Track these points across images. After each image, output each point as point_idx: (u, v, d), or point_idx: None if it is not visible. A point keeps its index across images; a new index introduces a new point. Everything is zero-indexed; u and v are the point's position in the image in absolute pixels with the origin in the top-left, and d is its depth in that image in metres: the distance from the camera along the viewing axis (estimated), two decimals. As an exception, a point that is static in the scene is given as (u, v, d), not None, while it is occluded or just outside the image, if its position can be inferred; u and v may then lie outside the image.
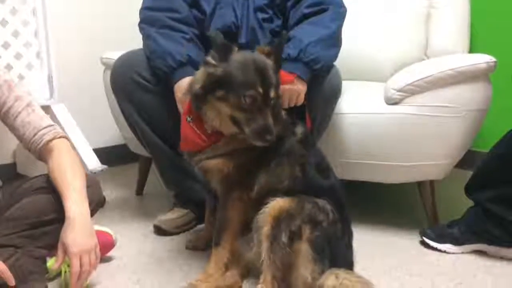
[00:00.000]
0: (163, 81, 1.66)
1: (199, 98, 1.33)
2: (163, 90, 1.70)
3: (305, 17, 1.65)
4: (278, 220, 1.32)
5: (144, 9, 1.75)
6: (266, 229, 1.33)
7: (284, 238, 1.31)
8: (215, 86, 1.29)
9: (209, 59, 1.32)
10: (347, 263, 1.42)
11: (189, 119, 1.40)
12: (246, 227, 1.41)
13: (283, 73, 1.44)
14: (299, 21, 1.65)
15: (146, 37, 1.71)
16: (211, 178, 1.45)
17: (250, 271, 1.45)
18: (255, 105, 1.28)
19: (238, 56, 1.32)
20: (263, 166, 1.39)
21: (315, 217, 1.36)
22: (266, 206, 1.36)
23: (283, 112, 1.45)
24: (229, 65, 1.29)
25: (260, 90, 1.27)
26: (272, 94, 1.30)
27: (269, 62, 1.34)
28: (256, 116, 1.27)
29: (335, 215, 1.40)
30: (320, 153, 1.51)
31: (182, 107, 1.56)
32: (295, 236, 1.32)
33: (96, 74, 2.23)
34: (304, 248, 1.32)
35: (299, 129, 1.45)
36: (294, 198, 1.36)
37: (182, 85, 1.57)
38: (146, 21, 1.72)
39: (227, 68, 1.29)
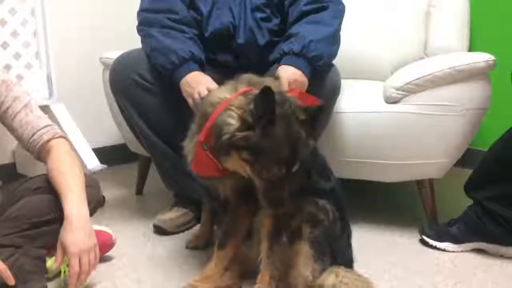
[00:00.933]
0: (165, 78, 1.65)
1: (223, 147, 1.25)
2: (162, 89, 1.70)
3: (304, 14, 1.65)
4: (278, 221, 1.32)
5: (142, 11, 1.74)
6: (266, 229, 1.33)
7: (284, 238, 1.31)
8: (244, 147, 1.22)
9: (247, 115, 1.21)
10: (347, 262, 1.42)
11: (205, 147, 1.30)
12: (251, 232, 1.41)
13: (305, 97, 1.40)
14: (298, 19, 1.65)
15: (146, 36, 1.70)
16: (221, 189, 1.41)
17: (249, 272, 1.45)
18: (275, 177, 1.23)
19: (277, 128, 1.21)
20: None
21: (315, 216, 1.36)
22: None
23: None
24: (266, 137, 1.20)
25: (284, 169, 1.23)
26: (294, 169, 1.24)
27: (303, 136, 1.25)
28: (273, 186, 1.24)
29: (335, 214, 1.40)
30: (321, 157, 1.51)
31: (191, 100, 1.55)
32: (295, 236, 1.32)
33: (95, 74, 2.23)
34: (304, 247, 1.32)
35: (311, 143, 1.39)
36: (294, 200, 1.36)
37: (189, 79, 1.57)
38: (145, 23, 1.72)
39: (262, 139, 1.20)
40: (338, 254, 1.39)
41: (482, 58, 1.74)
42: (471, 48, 2.31)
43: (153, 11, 1.71)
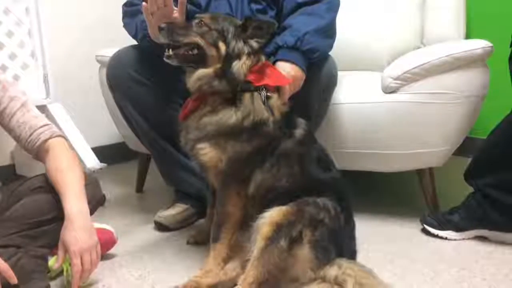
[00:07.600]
0: (162, 73, 1.64)
1: None
2: (159, 84, 1.70)
3: (299, 6, 1.64)
4: (279, 226, 1.31)
5: (123, 5, 1.74)
6: (265, 231, 1.31)
7: (283, 242, 1.29)
8: None
9: None
10: (350, 253, 1.42)
11: None
12: (246, 223, 1.40)
13: (280, 74, 1.44)
14: (293, 11, 1.64)
15: (129, 26, 1.70)
16: (208, 174, 1.45)
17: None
18: None
19: None
20: (257, 165, 1.39)
21: (316, 217, 1.34)
22: (267, 211, 1.35)
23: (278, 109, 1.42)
24: None
25: None
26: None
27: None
28: None
29: (336, 210, 1.39)
30: (320, 148, 1.51)
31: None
32: (295, 242, 1.31)
33: (91, 72, 2.22)
34: (304, 252, 1.31)
35: (299, 131, 1.44)
36: (293, 206, 1.35)
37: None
38: (127, 16, 1.71)
39: None
40: (342, 246, 1.39)
41: (479, 45, 1.73)
42: (467, 35, 2.31)
43: (133, 4, 1.70)
